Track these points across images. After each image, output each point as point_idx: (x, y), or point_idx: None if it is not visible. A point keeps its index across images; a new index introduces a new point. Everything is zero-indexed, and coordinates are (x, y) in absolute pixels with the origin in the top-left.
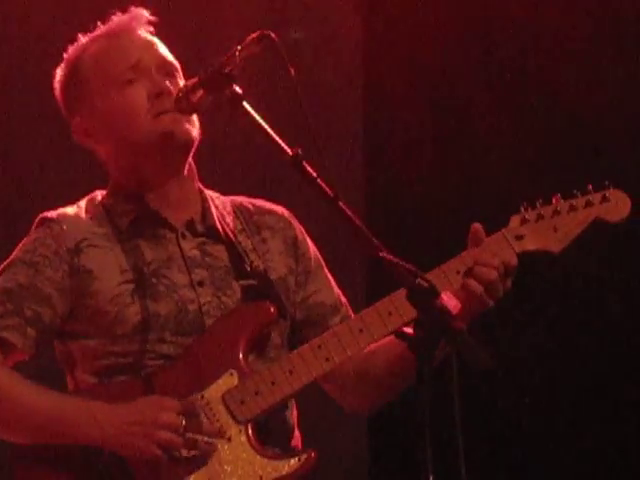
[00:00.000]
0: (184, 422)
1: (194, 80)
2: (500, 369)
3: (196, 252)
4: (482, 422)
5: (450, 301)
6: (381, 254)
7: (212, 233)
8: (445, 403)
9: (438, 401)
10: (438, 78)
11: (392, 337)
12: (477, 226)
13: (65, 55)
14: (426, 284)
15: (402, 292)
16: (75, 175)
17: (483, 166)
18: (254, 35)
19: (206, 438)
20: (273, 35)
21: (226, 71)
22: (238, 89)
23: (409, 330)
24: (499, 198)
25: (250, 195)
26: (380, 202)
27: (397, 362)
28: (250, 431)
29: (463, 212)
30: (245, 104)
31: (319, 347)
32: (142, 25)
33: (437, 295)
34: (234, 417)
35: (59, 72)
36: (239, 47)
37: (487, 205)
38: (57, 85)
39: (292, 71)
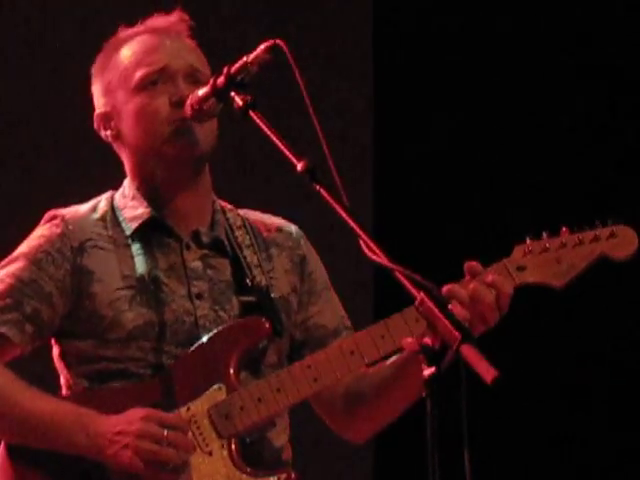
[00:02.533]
0: (166, 433)
1: (206, 88)
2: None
3: (199, 264)
4: (491, 435)
5: (459, 312)
6: (390, 264)
7: (217, 245)
8: (453, 416)
9: (446, 415)
10: (450, 88)
11: (384, 362)
12: (472, 264)
13: (102, 47)
14: (436, 294)
15: (397, 317)
16: (90, 173)
17: (499, 178)
18: (266, 43)
19: (184, 455)
20: (284, 44)
21: (237, 79)
22: (249, 98)
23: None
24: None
25: (261, 207)
26: (389, 212)
27: (389, 385)
28: (233, 446)
29: (472, 223)
30: (256, 112)
31: (308, 367)
32: (182, 29)
33: (446, 306)
34: (217, 431)
35: (96, 61)
36: (250, 55)
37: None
38: (92, 73)
39: (302, 80)
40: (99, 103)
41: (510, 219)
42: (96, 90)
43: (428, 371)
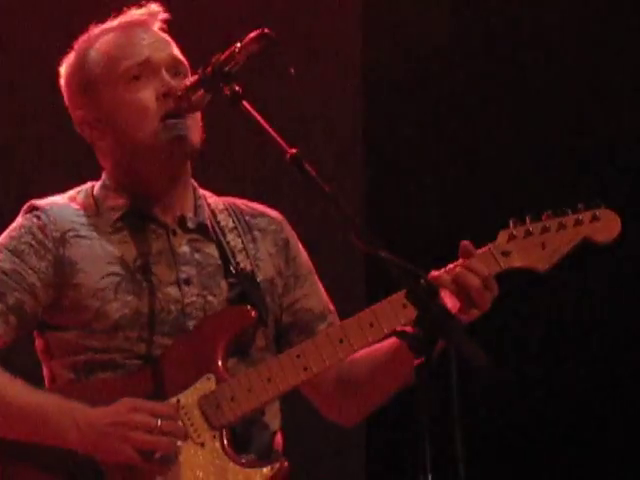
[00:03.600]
0: (159, 423)
1: (194, 78)
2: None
3: (186, 249)
4: (482, 422)
5: (449, 300)
6: (380, 252)
7: (203, 230)
8: (444, 403)
9: (437, 401)
10: (440, 76)
11: (375, 346)
12: (465, 243)
13: (75, 45)
14: (425, 282)
15: (384, 303)
16: (69, 165)
17: (484, 167)
18: (254, 33)
19: (179, 442)
20: (272, 33)
21: (225, 69)
22: (237, 88)
23: (408, 329)
24: (496, 204)
25: (246, 196)
26: (379, 200)
27: (378, 369)
28: (224, 437)
29: (461, 211)
30: (245, 103)
31: (298, 356)
32: (156, 22)
33: (436, 293)
34: (209, 422)
35: (67, 62)
36: (238, 45)
37: (484, 208)
38: (63, 74)
39: (292, 70)
40: (77, 102)
41: (499, 203)
42: (73, 89)
43: (417, 360)
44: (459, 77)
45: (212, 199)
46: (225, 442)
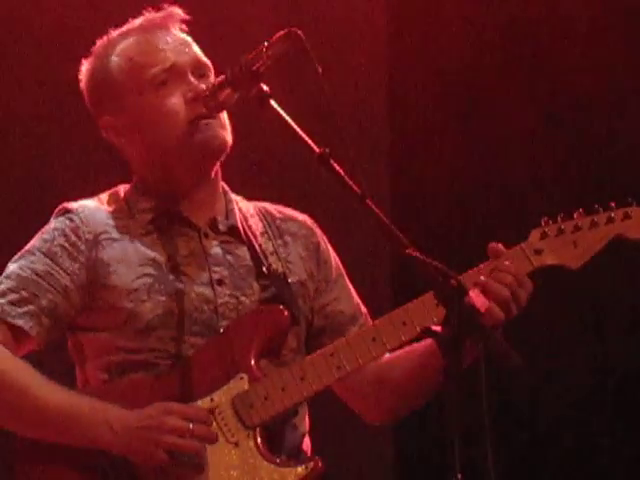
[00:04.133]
0: (191, 426)
1: (221, 78)
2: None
3: (218, 250)
4: (512, 423)
5: (478, 299)
6: (409, 252)
7: (234, 233)
8: (474, 404)
9: (467, 402)
10: (465, 76)
11: (411, 346)
12: (494, 244)
13: (93, 49)
14: (455, 282)
15: (417, 302)
16: (97, 169)
17: (510, 167)
18: (281, 32)
19: (211, 444)
20: (300, 32)
21: (253, 69)
22: (265, 87)
23: (438, 328)
24: (523, 204)
25: (274, 197)
26: (406, 200)
27: (416, 370)
28: (258, 436)
29: (488, 210)
30: (273, 102)
31: (331, 355)
32: (176, 24)
33: (465, 293)
34: (242, 422)
35: (86, 67)
36: (266, 44)
37: (511, 208)
38: (84, 80)
39: (319, 69)
40: (102, 108)
41: (528, 203)
42: (96, 96)
43: (448, 359)
44: (484, 76)
45: (243, 203)
46: (259, 441)
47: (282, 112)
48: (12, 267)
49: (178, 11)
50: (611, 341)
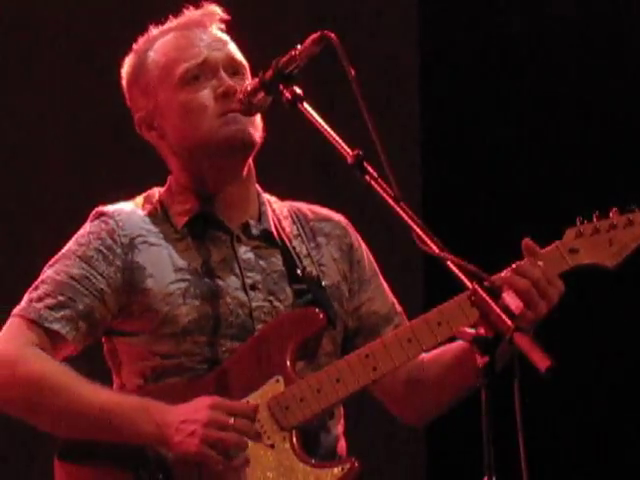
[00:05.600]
0: (233, 421)
1: (255, 81)
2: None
3: (250, 255)
4: (546, 423)
5: (512, 301)
6: (443, 254)
7: (267, 237)
8: (508, 407)
9: (501, 405)
10: (498, 73)
11: (444, 347)
12: (527, 241)
13: (134, 46)
14: (488, 283)
15: (452, 303)
16: (132, 172)
17: (544, 170)
18: (314, 36)
19: (250, 442)
20: (333, 36)
21: (286, 72)
22: (298, 90)
23: (472, 331)
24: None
25: (308, 197)
26: (438, 202)
27: (450, 371)
28: (294, 438)
29: (521, 213)
30: (306, 105)
31: (367, 356)
32: (214, 22)
33: (499, 295)
34: (278, 424)
35: (127, 63)
36: (299, 47)
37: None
38: (124, 76)
39: (352, 72)
40: (139, 105)
41: (561, 202)
42: (134, 92)
43: (482, 360)
44: (517, 74)
45: (277, 204)
46: (295, 443)
47: (315, 115)
48: (48, 272)
49: (217, 10)
50: None
